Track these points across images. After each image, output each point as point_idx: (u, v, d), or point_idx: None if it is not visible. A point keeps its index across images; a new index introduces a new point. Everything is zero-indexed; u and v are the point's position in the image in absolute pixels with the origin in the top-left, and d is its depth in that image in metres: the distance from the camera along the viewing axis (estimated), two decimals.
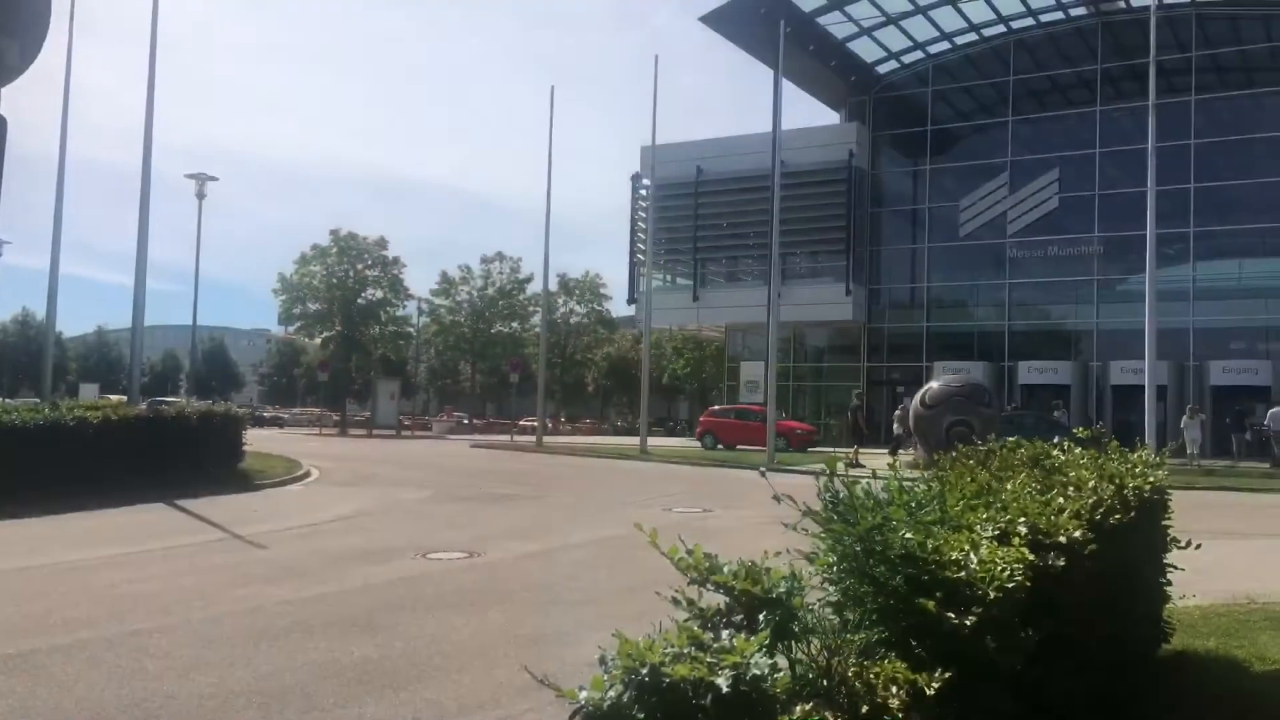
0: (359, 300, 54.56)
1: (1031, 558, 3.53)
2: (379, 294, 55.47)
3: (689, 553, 3.09)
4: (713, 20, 37.78)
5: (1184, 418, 30.96)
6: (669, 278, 46.77)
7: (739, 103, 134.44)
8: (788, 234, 39.36)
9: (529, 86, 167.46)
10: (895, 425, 28.31)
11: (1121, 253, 36.33)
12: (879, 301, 43.03)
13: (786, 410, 41.33)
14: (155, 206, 22.17)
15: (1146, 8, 29.75)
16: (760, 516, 3.14)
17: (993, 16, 39.00)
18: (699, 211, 43.86)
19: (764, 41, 35.08)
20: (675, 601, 2.95)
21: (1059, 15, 39.22)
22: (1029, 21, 39.57)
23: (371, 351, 59.78)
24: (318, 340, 60.55)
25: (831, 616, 3.23)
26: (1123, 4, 37.97)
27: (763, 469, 21.51)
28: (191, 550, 11.18)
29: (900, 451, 24.11)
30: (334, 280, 53.69)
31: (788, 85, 40.69)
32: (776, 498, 3.35)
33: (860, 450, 25.37)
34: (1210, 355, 35.71)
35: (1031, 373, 38.11)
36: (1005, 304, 40.53)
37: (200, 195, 41.27)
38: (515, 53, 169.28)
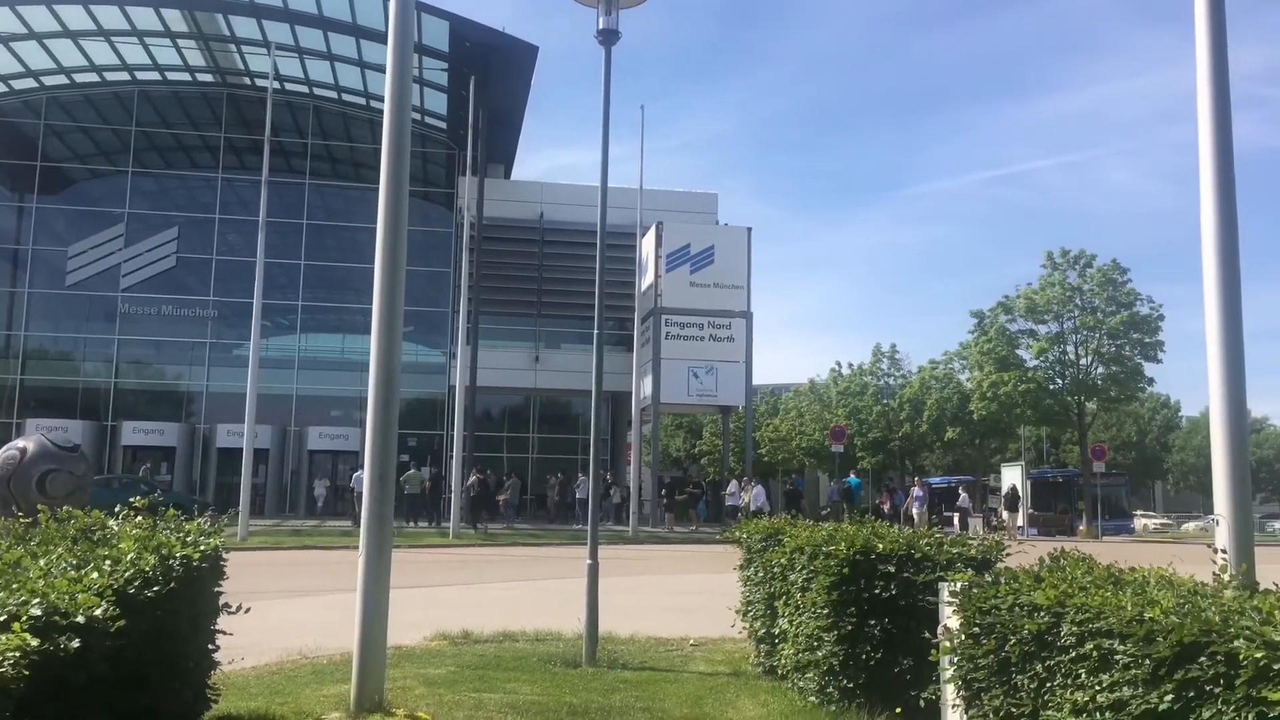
0: None
1: (35, 643, 3.28)
2: None
3: None
4: None
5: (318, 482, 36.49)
6: None
7: None
8: None
9: None
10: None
11: (237, 318, 37.16)
12: None
13: None
14: None
15: (266, 89, 31.10)
16: None
17: (116, 61, 37.27)
18: None
19: None
20: None
21: (186, 76, 39.15)
22: (154, 75, 38.75)
23: None
24: None
25: None
26: (247, 80, 39.38)
27: None
28: None
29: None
30: None
31: None
32: None
33: None
34: (311, 421, 38.30)
35: (137, 434, 36.72)
36: (114, 360, 38.58)
37: None
38: None
